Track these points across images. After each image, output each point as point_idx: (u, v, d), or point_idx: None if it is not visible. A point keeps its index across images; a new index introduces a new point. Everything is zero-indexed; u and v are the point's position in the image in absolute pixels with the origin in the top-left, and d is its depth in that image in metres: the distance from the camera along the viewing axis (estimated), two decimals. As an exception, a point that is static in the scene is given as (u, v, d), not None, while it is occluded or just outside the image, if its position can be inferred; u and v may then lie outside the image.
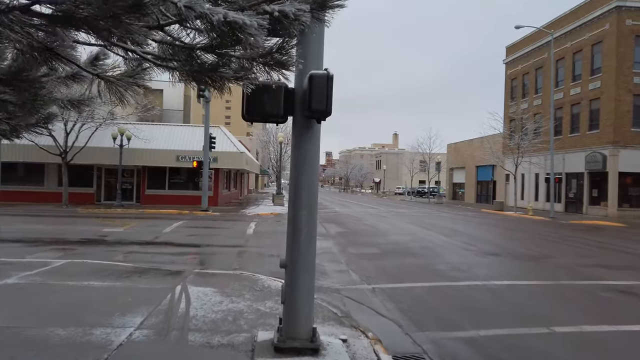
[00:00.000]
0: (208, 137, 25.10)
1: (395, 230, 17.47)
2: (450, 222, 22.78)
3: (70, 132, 25.57)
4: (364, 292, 8.03)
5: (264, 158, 69.24)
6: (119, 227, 16.30)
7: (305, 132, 4.83)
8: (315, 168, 4.97)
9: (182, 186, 29.95)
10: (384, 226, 19.10)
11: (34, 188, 28.78)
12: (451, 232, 17.50)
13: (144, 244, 12.76)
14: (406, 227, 19.00)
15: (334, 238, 14.80)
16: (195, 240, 13.91)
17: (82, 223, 17.55)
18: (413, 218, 24.70)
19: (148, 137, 27.90)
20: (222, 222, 20.06)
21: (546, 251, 13.28)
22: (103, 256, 10.50)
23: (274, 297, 7.05)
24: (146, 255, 11.05)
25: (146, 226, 16.92)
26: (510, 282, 8.86)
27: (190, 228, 16.78)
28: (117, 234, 14.39)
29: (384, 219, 23.40)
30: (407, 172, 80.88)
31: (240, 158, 28.70)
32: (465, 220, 24.62)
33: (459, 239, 15.41)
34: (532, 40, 40.57)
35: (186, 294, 6.92)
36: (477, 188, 51.77)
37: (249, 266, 10.01)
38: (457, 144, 57.39)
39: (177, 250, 12.10)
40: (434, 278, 9.22)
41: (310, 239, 4.96)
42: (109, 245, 12.49)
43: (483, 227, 21.40)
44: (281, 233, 15.94)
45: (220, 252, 11.89)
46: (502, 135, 41.19)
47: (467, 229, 19.47)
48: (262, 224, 18.92)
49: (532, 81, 40.55)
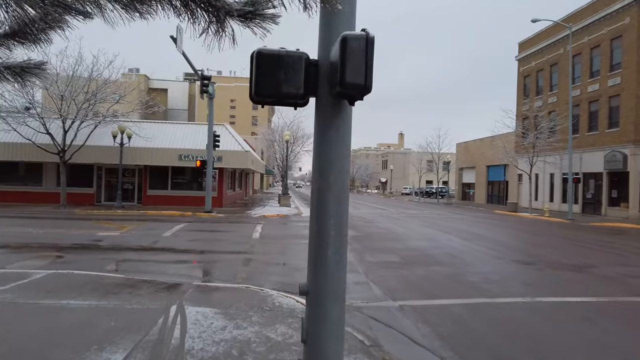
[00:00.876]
0: (212, 135, 24.01)
1: (412, 235, 16.27)
2: (467, 225, 21.57)
3: (68, 130, 24.53)
4: (391, 311, 6.87)
5: (269, 158, 68.19)
6: (116, 230, 15.21)
7: (333, 117, 3.66)
8: (346, 165, 3.81)
9: (185, 186, 28.87)
10: (399, 230, 17.92)
11: (31, 188, 27.78)
12: (472, 236, 16.29)
13: (141, 250, 11.65)
14: (423, 231, 17.80)
15: (348, 243, 13.61)
16: (197, 245, 12.78)
17: (77, 226, 16.48)
18: (426, 220, 23.49)
19: (150, 135, 26.83)
20: (226, 224, 18.94)
21: (583, 259, 12.04)
22: (93, 265, 9.39)
23: (286, 319, 5.91)
24: (141, 264, 9.94)
25: (145, 229, 15.81)
26: (559, 299, 7.67)
27: (192, 232, 15.67)
28: (112, 239, 13.28)
29: (396, 221, 22.22)
30: (414, 172, 79.61)
31: (245, 157, 27.59)
32: (481, 223, 23.40)
33: (483, 244, 14.21)
34: (547, 35, 39.25)
35: (182, 317, 5.77)
36: (487, 188, 50.45)
37: (256, 277, 8.88)
38: (467, 143, 56.06)
39: (176, 257, 10.97)
40: (469, 292, 8.04)
41: (339, 258, 3.81)
42: (102, 251, 11.38)
43: (502, 230, 20.17)
44: (290, 237, 14.84)
45: (223, 260, 10.75)
46: (515, 133, 39.95)
47: (486, 233, 18.27)
48: (268, 227, 17.78)
49: (547, 78, 39.20)
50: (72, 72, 23.67)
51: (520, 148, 37.75)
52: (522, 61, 43.43)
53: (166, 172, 28.55)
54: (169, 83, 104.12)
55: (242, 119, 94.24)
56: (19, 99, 23.55)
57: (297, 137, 45.26)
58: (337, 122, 3.69)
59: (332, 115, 3.68)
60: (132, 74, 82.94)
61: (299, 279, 8.78)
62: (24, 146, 25.50)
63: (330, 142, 3.72)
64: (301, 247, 12.72)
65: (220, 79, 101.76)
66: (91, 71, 23.73)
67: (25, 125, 24.52)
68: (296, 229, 17.52)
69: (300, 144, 46.19)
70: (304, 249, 12.59)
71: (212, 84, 23.61)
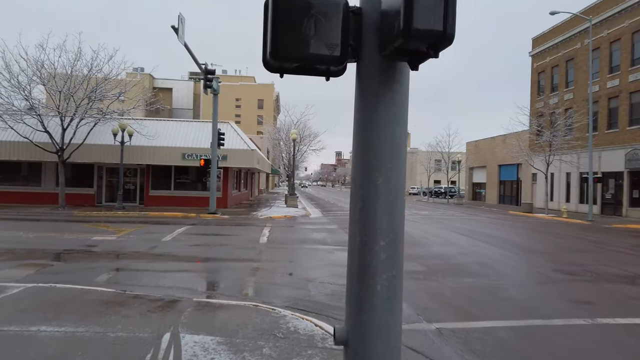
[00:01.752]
0: (216, 132, 22.93)
1: (432, 239, 15.09)
2: (486, 227, 20.37)
3: (67, 128, 23.53)
4: (428, 337, 5.73)
5: (274, 157, 67.16)
6: (113, 234, 14.14)
7: (384, 87, 2.51)
8: (402, 158, 2.65)
9: (189, 186, 27.82)
10: (416, 233, 16.75)
11: (30, 189, 26.83)
12: (497, 240, 15.11)
13: (137, 257, 10.56)
14: (442, 234, 16.62)
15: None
16: (199, 251, 11.68)
17: (72, 229, 15.43)
18: (442, 222, 22.29)
19: (152, 133, 25.80)
20: (231, 227, 17.85)
21: (629, 267, 10.81)
22: (81, 276, 8.32)
23: (304, 351, 4.80)
24: (135, 275, 8.84)
25: (144, 233, 14.74)
26: (625, 321, 6.47)
27: (194, 235, 14.58)
28: (107, 244, 12.21)
29: (411, 223, 21.00)
30: (422, 171, 78.23)
31: (251, 156, 26.49)
32: (500, 224, 22.17)
33: (512, 250, 13.03)
34: (563, 30, 37.91)
35: (176, 351, 4.65)
36: (499, 188, 49.12)
37: (265, 291, 7.78)
38: (478, 142, 54.73)
39: (175, 265, 9.87)
40: (514, 312, 6.87)
41: (393, 295, 2.65)
42: (94, 258, 10.30)
43: (526, 232, 18.94)
44: (299, 242, 13.71)
45: (227, 269, 9.64)
46: (530, 131, 38.65)
47: (511, 236, 17.08)
48: (276, 230, 16.67)
49: (562, 74, 37.84)
50: (71, 68, 22.65)
51: (535, 146, 36.45)
52: (536, 57, 42.08)
53: (169, 172, 27.52)
54: (173, 82, 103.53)
55: (247, 118, 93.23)
56: (15, 95, 22.58)
57: (303, 136, 44.16)
58: (390, 95, 2.52)
59: (384, 84, 2.49)
60: (136, 73, 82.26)
61: (313, 293, 7.67)
62: (21, 145, 24.54)
63: (379, 125, 2.53)
64: (312, 253, 11.61)
65: (225, 77, 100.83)
66: (90, 66, 22.71)
67: (23, 123, 23.55)
68: (305, 232, 16.39)
69: (307, 143, 45.11)
70: (315, 255, 11.55)
71: (217, 80, 22.53)
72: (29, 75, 22.38)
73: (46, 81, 22.68)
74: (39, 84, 22.89)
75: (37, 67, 22.35)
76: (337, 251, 11.95)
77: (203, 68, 20.48)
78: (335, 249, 12.25)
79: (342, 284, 8.17)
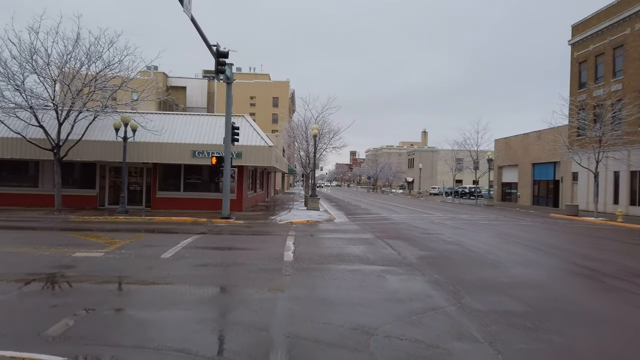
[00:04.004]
0: (230, 126, 20.13)
1: (500, 254, 12.03)
2: (547, 236, 17.26)
3: (63, 122, 20.96)
4: None
5: (289, 156, 64.41)
6: (102, 247, 11.40)
7: None
8: None
9: (201, 187, 25.09)
10: (473, 245, 13.73)
11: (26, 190, 24.36)
12: (581, 258, 12.04)
13: (120, 289, 7.73)
14: (507, 248, 13.54)
15: (421, 271, 9.52)
16: (206, 276, 8.79)
17: (55, 240, 12.76)
18: (492, 229, 19.20)
19: (158, 128, 23.15)
20: (247, 237, 15.03)
21: None
22: (26, 325, 5.54)
23: None
24: (108, 323, 6.02)
25: (141, 246, 11.97)
26: None
27: (202, 250, 11.76)
28: (89, 264, 9.45)
29: (458, 230, 17.98)
30: (444, 170, 74.66)
31: (269, 153, 23.66)
32: (558, 232, 19.01)
33: (610, 268, 9.97)
34: (608, 14, 34.44)
35: None
36: (533, 188, 45.64)
37: (305, 356, 4.89)
38: (508, 138, 51.26)
39: (170, 303, 7.03)
40: None
41: None
42: (60, 290, 7.54)
43: (600, 244, 15.75)
44: (334, 260, 10.67)
45: (245, 307, 6.75)
46: (570, 126, 35.26)
47: (592, 252, 13.98)
48: (302, 241, 13.79)
49: (609, 63, 34.33)
50: (67, 53, 20.06)
51: (578, 142, 33.05)
52: (577, 46, 38.56)
53: (178, 171, 24.85)
54: (187, 80, 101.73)
55: (262, 116, 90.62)
56: (5, 85, 20.05)
57: (322, 134, 41.15)
58: None
59: None
60: (149, 71, 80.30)
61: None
62: (13, 141, 22.09)
63: None
64: (356, 278, 8.70)
65: (239, 75, 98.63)
66: (88, 51, 20.07)
67: (15, 116, 21.07)
68: (337, 243, 13.48)
69: (327, 141, 42.06)
70: (361, 282, 8.22)
71: (230, 66, 19.73)
72: (22, 63, 19.83)
73: (40, 69, 20.10)
74: (32, 73, 20.31)
75: (30, 53, 19.79)
76: (388, 274, 9.02)
77: (214, 50, 17.67)
78: (384, 271, 9.32)
79: (416, 338, 5.37)
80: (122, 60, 20.45)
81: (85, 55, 20.07)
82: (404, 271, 9.39)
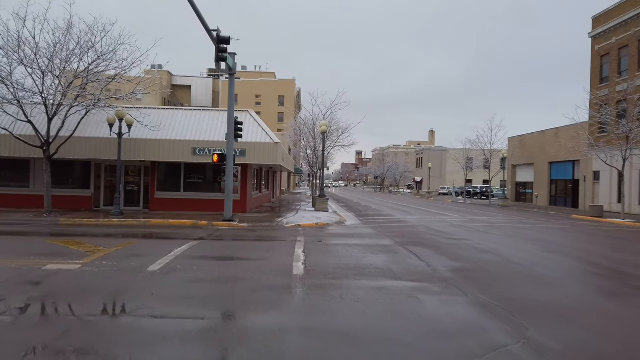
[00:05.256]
0: (233, 121, 18.53)
1: (547, 265, 10.30)
2: (587, 242, 15.52)
3: (53, 117, 19.42)
4: None
5: (294, 155, 62.76)
6: (81, 257, 9.80)
7: None
8: None
9: (202, 187, 23.49)
10: (509, 253, 12.01)
11: (17, 190, 22.87)
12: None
13: (85, 320, 6.05)
14: (552, 257, 11.79)
15: (461, 289, 7.83)
16: (198, 298, 7.09)
17: (31, 248, 11.18)
18: (520, 232, 17.47)
19: (156, 123, 21.59)
20: (251, 244, 13.39)
21: None
22: None
23: None
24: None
25: (128, 255, 10.36)
26: None
27: (199, 260, 10.14)
28: (59, 280, 7.85)
29: (484, 235, 16.26)
30: (452, 170, 72.75)
31: (275, 150, 22.01)
32: (593, 235, 17.26)
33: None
34: (634, 4, 32.51)
35: None
36: (550, 188, 43.72)
37: None
38: (523, 136, 49.33)
39: (145, 342, 5.38)
40: None
41: None
42: (8, 322, 5.90)
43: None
44: (353, 273, 8.80)
45: (243, 349, 5.09)
46: (591, 122, 33.37)
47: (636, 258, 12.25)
48: (312, 248, 12.15)
49: (634, 55, 32.41)
50: (57, 42, 18.48)
51: (603, 140, 31.18)
52: (598, 38, 36.63)
53: (178, 170, 23.27)
54: (192, 79, 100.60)
55: (267, 115, 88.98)
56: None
57: (331, 131, 39.43)
58: None
59: None
60: (154, 70, 79.00)
61: None
62: (5, 138, 20.54)
63: None
64: (382, 300, 7.04)
65: (244, 74, 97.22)
66: (79, 39, 18.50)
67: (2, 111, 19.57)
68: (353, 251, 11.81)
69: (335, 139, 40.33)
70: (389, 305, 6.45)
71: (233, 56, 18.12)
72: (8, 54, 18.31)
73: (29, 60, 18.55)
74: (20, 64, 18.76)
75: (17, 42, 18.26)
76: (421, 294, 7.35)
77: (214, 35, 16.03)
78: (416, 289, 7.65)
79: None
80: (115, 50, 18.85)
81: (77, 44, 18.48)
82: (440, 289, 7.71)
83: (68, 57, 18.64)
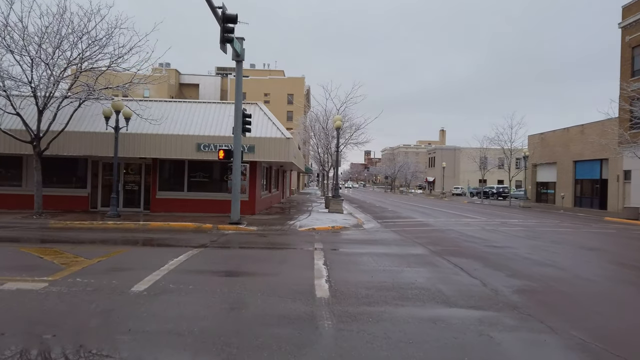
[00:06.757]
0: (240, 114, 16.67)
1: (621, 279, 8.38)
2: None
3: (44, 109, 17.68)
4: None
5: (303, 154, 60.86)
6: (55, 271, 7.98)
7: None
8: None
9: (208, 187, 21.65)
10: (576, 267, 10.01)
11: (8, 190, 21.18)
12: None
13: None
14: (629, 273, 9.84)
15: (544, 322, 5.85)
16: (194, 333, 5.16)
17: (3, 257, 9.37)
18: (565, 238, 15.42)
19: (157, 116, 19.80)
20: (261, 253, 11.50)
21: None
22: None
23: None
24: None
25: (112, 268, 8.51)
26: None
27: (197, 275, 8.26)
28: (17, 302, 6.04)
29: (529, 241, 14.24)
30: (469, 169, 70.42)
31: (286, 146, 20.11)
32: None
33: None
34: (670, -10, 30.24)
35: None
36: (574, 188, 41.43)
37: None
38: (544, 134, 47.04)
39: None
40: None
41: None
42: None
43: None
44: (392, 297, 6.49)
45: None
46: (620, 118, 31.14)
47: None
48: (335, 259, 10.23)
49: (671, 45, 30.12)
50: (46, 27, 16.72)
51: (637, 136, 28.92)
52: (629, 29, 34.31)
53: (182, 168, 21.47)
54: (200, 78, 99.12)
55: (276, 114, 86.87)
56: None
57: (343, 128, 37.50)
58: None
59: None
60: (162, 68, 77.55)
61: None
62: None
63: None
64: (445, 338, 5.12)
65: (253, 72, 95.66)
66: (70, 21, 16.71)
67: (-12, 103, 17.88)
68: (382, 262, 9.86)
69: (348, 136, 38.38)
70: (465, 354, 4.20)
71: (241, 41, 16.27)
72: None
73: (16, 46, 16.80)
74: (7, 52, 17.02)
75: (3, 27, 16.54)
76: (492, 329, 5.40)
77: (219, 13, 14.15)
78: (483, 322, 5.70)
79: None
80: (111, 34, 17.05)
81: (68, 27, 16.70)
82: (515, 321, 5.75)
83: (60, 42, 16.87)
